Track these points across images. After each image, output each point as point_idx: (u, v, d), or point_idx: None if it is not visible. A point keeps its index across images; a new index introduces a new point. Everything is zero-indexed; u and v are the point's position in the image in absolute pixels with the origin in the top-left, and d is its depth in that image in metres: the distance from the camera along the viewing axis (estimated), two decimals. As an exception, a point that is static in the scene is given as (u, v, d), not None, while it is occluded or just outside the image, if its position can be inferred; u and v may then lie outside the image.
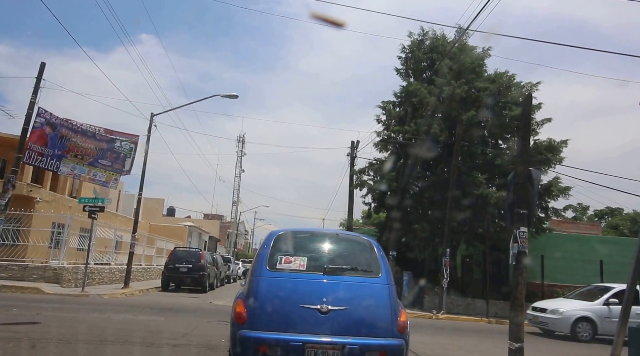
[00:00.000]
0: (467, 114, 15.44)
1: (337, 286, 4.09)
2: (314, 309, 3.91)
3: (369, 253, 4.48)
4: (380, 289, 4.16)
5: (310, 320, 3.90)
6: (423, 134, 16.24)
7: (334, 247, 4.58)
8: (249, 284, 4.25)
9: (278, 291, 4.07)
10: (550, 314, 11.24)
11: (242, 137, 48.26)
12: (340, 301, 3.97)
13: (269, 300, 4.03)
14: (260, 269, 4.22)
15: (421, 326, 11.90)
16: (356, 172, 20.38)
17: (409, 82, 18.42)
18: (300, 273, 4.17)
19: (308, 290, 4.03)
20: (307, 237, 4.83)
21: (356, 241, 4.87)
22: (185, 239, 36.72)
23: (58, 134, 14.13)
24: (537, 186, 7.24)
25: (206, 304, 13.30)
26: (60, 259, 13.82)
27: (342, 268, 4.26)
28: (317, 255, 4.41)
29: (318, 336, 3.86)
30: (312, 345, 3.81)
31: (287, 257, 4.29)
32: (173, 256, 18.58)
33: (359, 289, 4.13)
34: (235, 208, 47.72)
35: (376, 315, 4.04)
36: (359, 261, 4.42)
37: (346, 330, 3.90)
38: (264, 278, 4.15)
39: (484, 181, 15.41)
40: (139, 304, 11.81)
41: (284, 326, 3.92)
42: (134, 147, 16.37)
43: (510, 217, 7.44)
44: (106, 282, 17.12)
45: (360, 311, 4.02)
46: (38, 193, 17.17)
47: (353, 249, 4.64)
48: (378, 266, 4.33)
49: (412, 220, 16.72)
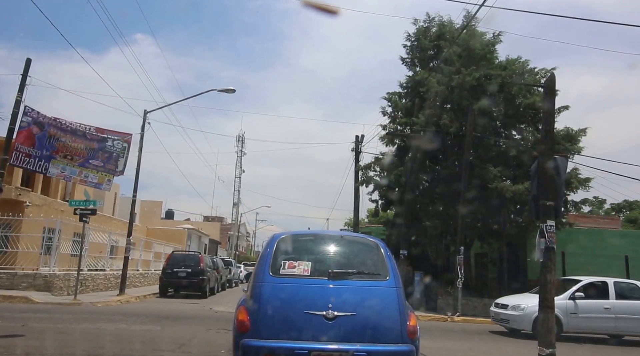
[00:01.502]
0: (479, 103, 14.96)
1: (343, 291, 3.98)
2: (320, 315, 3.82)
3: (376, 254, 4.35)
4: (388, 292, 4.04)
5: (316, 326, 3.80)
6: (432, 125, 15.77)
7: (339, 250, 4.46)
8: (251, 291, 4.11)
9: (282, 298, 3.95)
10: (512, 310, 10.68)
11: (242, 137, 47.95)
12: (347, 307, 3.86)
13: (273, 307, 3.91)
14: (263, 274, 4.10)
15: (435, 329, 11.46)
16: (362, 168, 19.93)
17: (415, 72, 17.94)
18: (304, 278, 4.06)
19: (313, 296, 3.92)
20: (311, 240, 4.74)
21: (362, 242, 4.79)
22: (185, 242, 36.30)
23: (46, 133, 13.73)
24: (564, 175, 6.79)
25: (206, 310, 12.89)
26: (51, 266, 13.43)
27: (347, 271, 4.13)
28: (322, 259, 4.32)
29: (324, 343, 3.75)
30: (318, 352, 3.71)
31: (290, 261, 4.18)
32: (171, 261, 18.18)
33: (366, 294, 4.01)
34: (235, 210, 47.27)
35: (384, 320, 3.93)
36: (365, 264, 4.30)
37: (353, 337, 3.79)
38: (267, 284, 4.04)
39: (498, 174, 14.91)
40: (134, 312, 11.40)
41: (289, 333, 3.81)
42: (127, 147, 15.98)
43: (536, 210, 6.98)
44: (101, 289, 16.74)
45: (368, 316, 3.90)
46: (28, 196, 16.79)
47: (359, 252, 4.56)
48: (385, 269, 4.20)
49: (422, 217, 16.27)
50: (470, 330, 11.96)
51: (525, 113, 15.60)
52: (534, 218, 7.40)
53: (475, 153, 15.47)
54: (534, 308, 10.35)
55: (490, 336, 10.87)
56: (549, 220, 6.72)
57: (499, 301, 11.55)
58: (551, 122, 7.10)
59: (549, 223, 6.70)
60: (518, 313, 10.55)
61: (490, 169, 14.92)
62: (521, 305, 10.64)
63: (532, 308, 10.34)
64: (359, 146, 22.37)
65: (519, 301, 10.90)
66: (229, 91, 17.32)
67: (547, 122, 7.18)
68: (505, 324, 11.06)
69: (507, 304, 11.06)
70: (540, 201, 6.82)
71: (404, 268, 16.16)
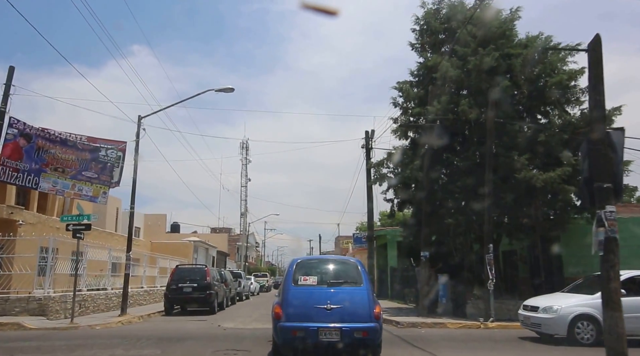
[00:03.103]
0: (500, 86, 14.02)
1: (337, 293, 6.79)
2: (323, 308, 6.53)
3: (355, 270, 7.26)
4: (362, 293, 6.85)
5: (321, 314, 6.50)
6: (449, 113, 14.86)
7: (333, 268, 7.50)
8: (282, 295, 6.98)
9: (300, 298, 6.75)
10: (543, 313, 9.65)
11: (246, 143, 47.04)
12: (339, 302, 6.61)
13: (294, 304, 6.69)
14: (288, 285, 7.00)
15: (470, 339, 10.52)
16: (373, 166, 19.04)
17: (426, 58, 17.06)
18: (313, 286, 6.94)
19: (319, 296, 6.67)
20: (316, 262, 7.87)
21: (347, 263, 7.84)
22: (191, 256, 35.57)
23: (34, 146, 13.10)
24: (621, 151, 5.89)
25: (214, 328, 12.08)
26: (45, 288, 12.71)
27: (339, 281, 7.06)
28: (323, 274, 7.22)
29: (326, 323, 6.46)
30: (322, 329, 6.43)
31: (304, 276, 7.05)
32: (175, 276, 17.43)
33: (349, 294, 6.81)
34: (243, 220, 46.50)
35: (360, 309, 6.64)
36: (348, 276, 7.17)
37: (342, 319, 6.50)
38: (290, 290, 6.90)
39: (526, 162, 13.93)
40: (135, 334, 10.62)
41: (305, 318, 6.52)
42: (122, 156, 15.34)
43: (589, 195, 6.06)
44: (102, 309, 16.04)
45: (350, 307, 6.62)
46: (21, 215, 16.15)
47: (345, 269, 7.41)
48: (361, 279, 7.06)
49: (443, 214, 15.29)
50: (503, 336, 10.95)
51: (551, 94, 14.60)
52: (587, 205, 6.48)
53: (499, 141, 14.51)
54: (569, 309, 9.48)
55: (519, 344, 9.85)
56: (608, 205, 5.79)
57: (528, 303, 10.50)
58: (601, 90, 6.18)
59: (609, 209, 5.78)
60: (551, 315, 9.50)
61: (516, 157, 13.96)
62: (554, 306, 9.59)
63: (567, 310, 9.45)
64: (369, 142, 21.54)
65: (551, 302, 9.85)
66: (227, 90, 16.62)
67: (596, 90, 6.26)
68: (536, 329, 9.98)
69: (537, 306, 10.01)
70: (595, 183, 5.90)
71: (425, 271, 15.21)
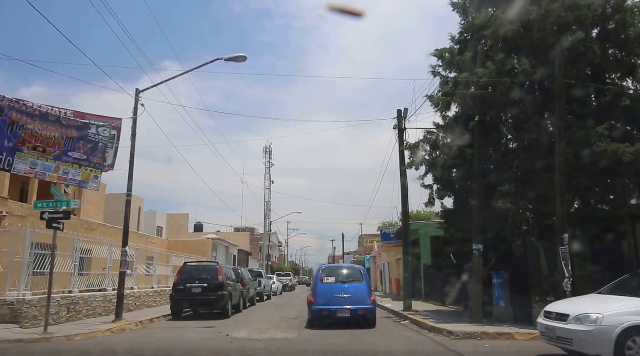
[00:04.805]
0: (572, 38, 11.34)
1: (347, 287, 12.26)
2: (338, 296, 11.99)
3: (359, 272, 13.15)
4: (363, 287, 12.43)
5: (338, 300, 11.91)
6: (505, 75, 12.23)
7: (345, 271, 13.32)
8: (313, 289, 12.77)
9: (325, 290, 12.32)
10: (575, 323, 6.91)
11: (269, 148, 47.70)
12: (349, 292, 12.09)
13: (321, 294, 12.26)
14: (317, 282, 12.74)
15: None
16: (408, 147, 16.53)
17: (472, 17, 14.40)
18: (332, 283, 12.51)
19: (337, 289, 12.20)
20: (334, 268, 14.25)
21: (354, 268, 13.97)
22: (209, 254, 33.71)
23: (7, 120, 11.17)
24: None
25: (220, 338, 9.89)
26: (20, 290, 10.76)
27: (349, 279, 12.65)
28: (339, 275, 12.88)
29: (341, 306, 11.82)
30: (339, 309, 11.80)
31: (327, 277, 12.75)
32: (183, 274, 15.38)
33: (355, 288, 12.27)
34: (267, 221, 46.10)
35: (362, 296, 12.14)
36: (354, 276, 12.82)
37: (351, 303, 11.87)
38: (318, 286, 12.51)
39: (606, 132, 11.20)
40: (119, 347, 8.51)
41: (328, 303, 11.95)
42: (116, 135, 13.35)
43: None
44: (98, 313, 14.13)
45: (356, 295, 12.07)
46: (5, 205, 14.39)
47: (352, 272, 13.23)
48: (362, 278, 12.77)
49: (497, 199, 12.64)
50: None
51: (635, 48, 11.80)
52: None
53: (570, 107, 11.80)
54: (614, 319, 6.65)
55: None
56: None
57: (553, 309, 7.67)
58: None
59: None
60: (587, 327, 6.71)
61: (594, 127, 11.24)
62: (591, 314, 6.80)
63: (611, 319, 6.66)
64: (401, 121, 18.95)
65: (586, 308, 7.03)
66: (238, 58, 14.41)
67: None
68: (565, 345, 7.11)
69: (566, 313, 7.21)
70: None
71: (479, 267, 12.60)
